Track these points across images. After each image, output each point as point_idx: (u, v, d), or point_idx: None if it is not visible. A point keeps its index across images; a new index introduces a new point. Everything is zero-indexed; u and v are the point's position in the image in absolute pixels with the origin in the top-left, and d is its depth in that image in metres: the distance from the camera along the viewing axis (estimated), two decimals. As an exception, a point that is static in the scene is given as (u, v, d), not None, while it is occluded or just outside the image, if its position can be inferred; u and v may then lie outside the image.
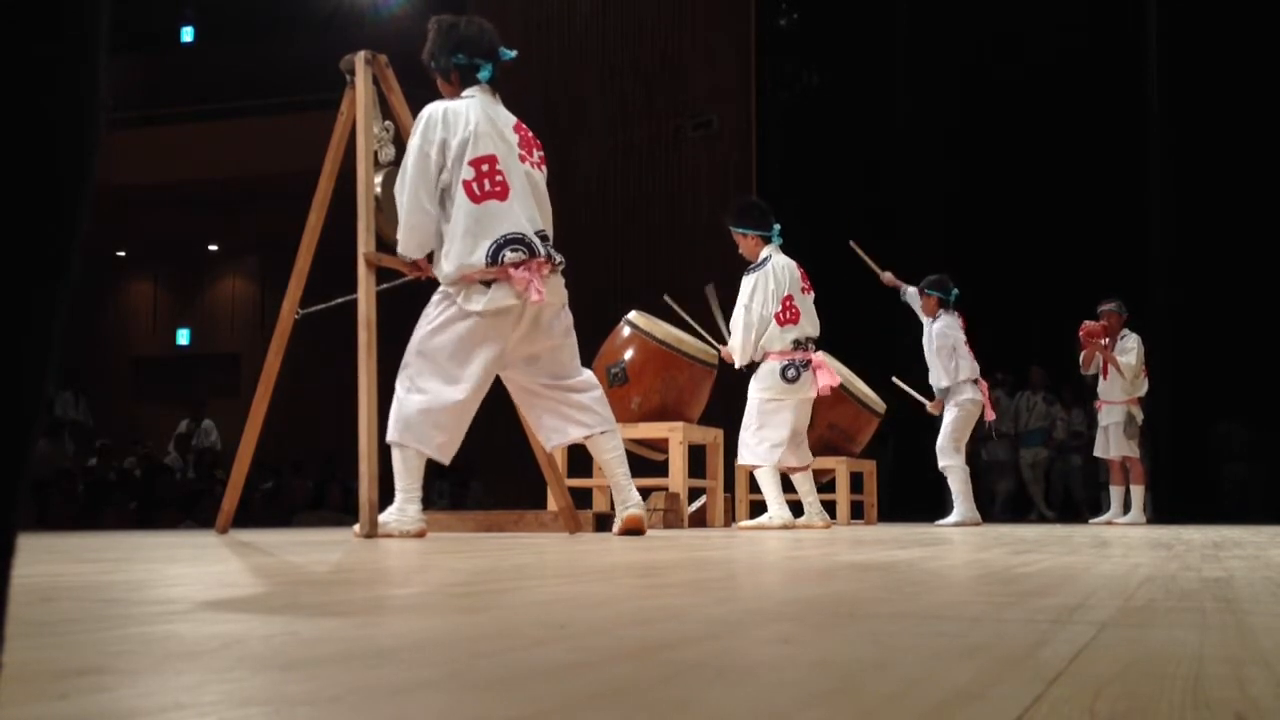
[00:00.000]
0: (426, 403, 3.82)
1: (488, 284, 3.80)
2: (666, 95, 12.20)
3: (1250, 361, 10.50)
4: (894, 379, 8.09)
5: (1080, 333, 8.43)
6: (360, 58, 4.29)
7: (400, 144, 4.18)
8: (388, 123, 4.33)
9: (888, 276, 8.05)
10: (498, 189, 3.83)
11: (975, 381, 7.71)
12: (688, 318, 6.84)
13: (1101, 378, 8.56)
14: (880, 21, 12.40)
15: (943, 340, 7.65)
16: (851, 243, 7.91)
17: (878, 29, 12.43)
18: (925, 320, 7.85)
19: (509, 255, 3.78)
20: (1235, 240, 10.60)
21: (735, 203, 6.72)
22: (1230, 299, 10.68)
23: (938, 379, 7.74)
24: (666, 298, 6.89)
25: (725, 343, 6.35)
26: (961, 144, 11.95)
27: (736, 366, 6.17)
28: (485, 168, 3.83)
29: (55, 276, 0.58)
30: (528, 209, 3.89)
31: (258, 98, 14.03)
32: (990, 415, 7.96)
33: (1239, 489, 11.03)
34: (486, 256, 3.77)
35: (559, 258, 3.95)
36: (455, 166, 3.83)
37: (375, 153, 4.23)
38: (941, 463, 7.69)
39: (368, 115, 4.22)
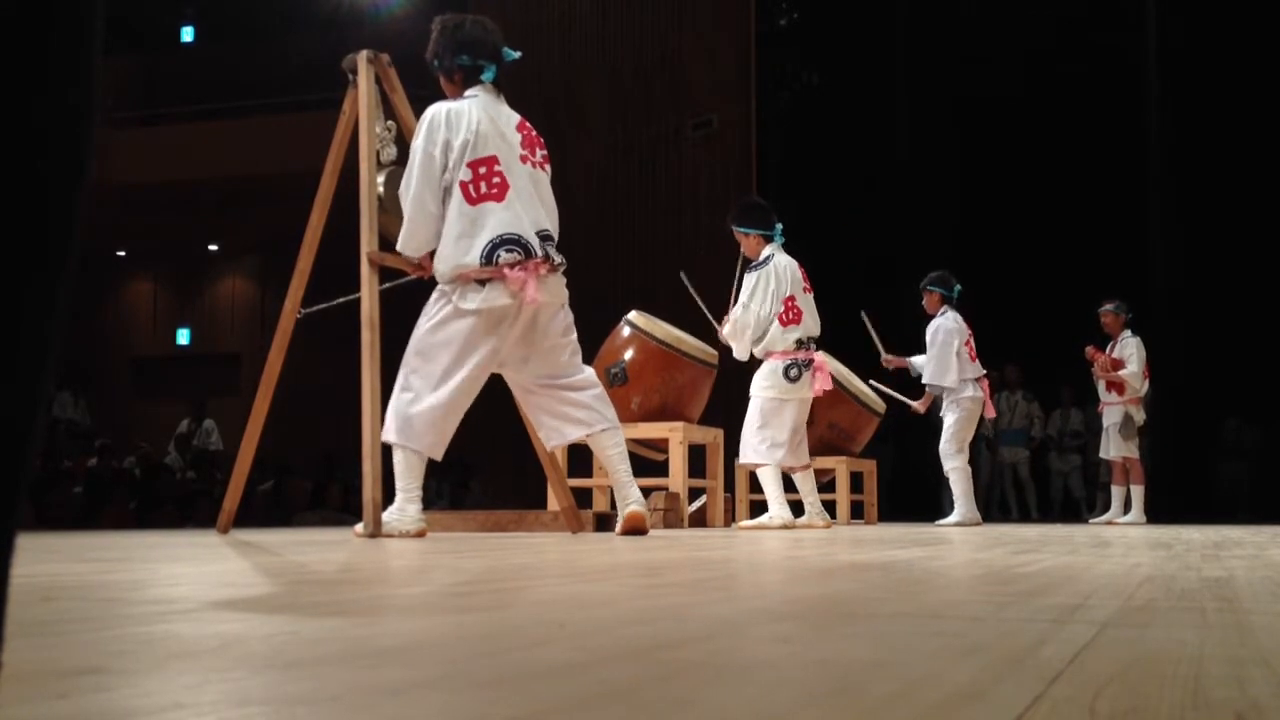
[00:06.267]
0: (417, 403, 3.84)
1: (483, 283, 3.81)
2: (666, 95, 12.21)
3: (1252, 359, 10.50)
4: (871, 382, 7.95)
5: (1090, 363, 8.47)
6: (363, 57, 4.30)
7: (402, 143, 4.18)
8: (390, 122, 4.34)
9: (889, 359, 7.82)
10: (495, 190, 3.84)
11: (976, 380, 7.67)
12: (699, 299, 6.77)
13: (1103, 386, 8.55)
14: (880, 21, 12.40)
15: (944, 337, 7.59)
16: (863, 314, 7.65)
17: (878, 29, 12.43)
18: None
19: (504, 255, 3.79)
20: (1236, 238, 10.60)
21: (738, 202, 6.73)
22: (1232, 297, 10.68)
23: (934, 376, 7.65)
24: (682, 274, 6.80)
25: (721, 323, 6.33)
26: (961, 144, 11.95)
27: (741, 358, 6.17)
28: (484, 169, 3.84)
29: (52, 276, 0.58)
30: (529, 209, 3.90)
31: (258, 98, 14.03)
32: (991, 413, 7.94)
33: (1237, 487, 11.04)
34: (481, 256, 3.79)
35: (559, 258, 3.95)
36: (456, 167, 3.84)
37: (377, 152, 4.23)
38: (947, 465, 7.65)
39: (370, 115, 4.22)
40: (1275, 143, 10.52)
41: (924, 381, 7.73)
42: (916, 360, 7.86)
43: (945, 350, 7.55)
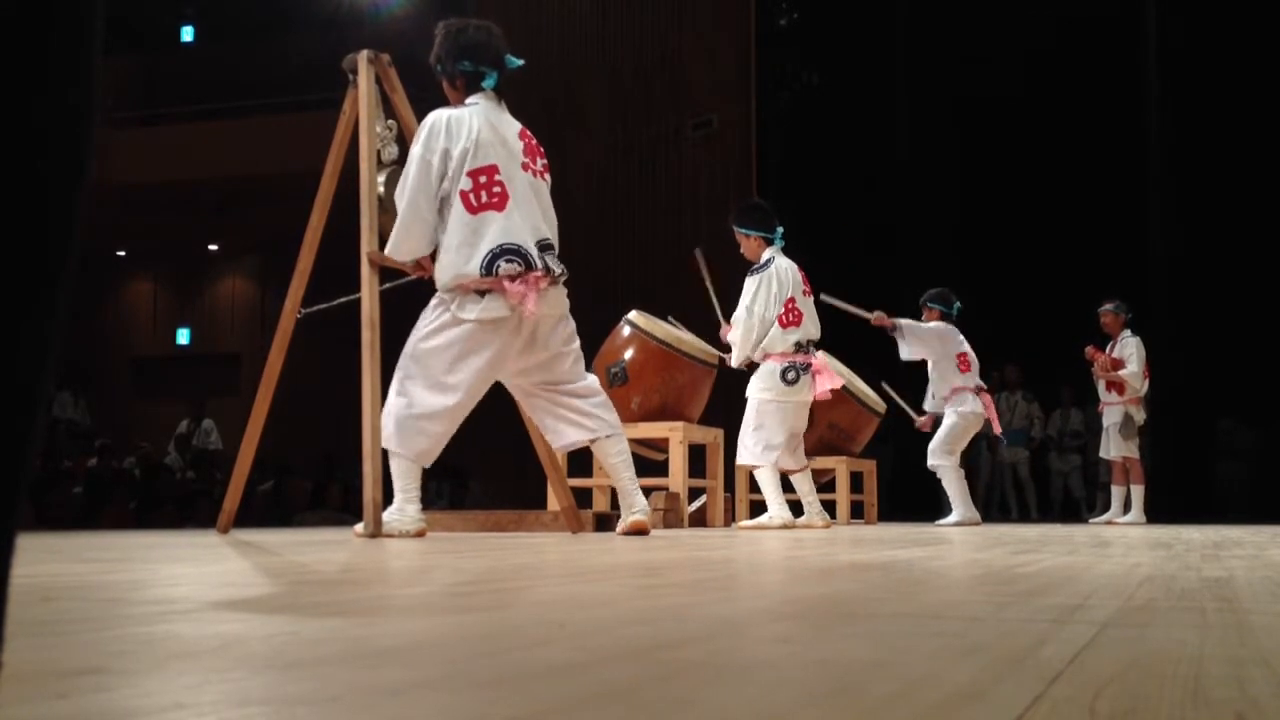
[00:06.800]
0: (410, 407, 3.83)
1: (482, 293, 3.81)
2: (666, 95, 12.20)
3: (1252, 360, 10.49)
4: (883, 385, 7.98)
5: (1091, 363, 8.48)
6: (363, 57, 4.29)
7: (403, 143, 4.18)
8: (390, 122, 4.33)
9: (877, 316, 7.53)
10: (495, 200, 3.83)
11: (976, 393, 7.67)
12: (709, 281, 6.70)
13: (1103, 386, 8.56)
14: (880, 21, 12.40)
15: (942, 329, 7.63)
16: (823, 296, 6.94)
17: (878, 28, 12.43)
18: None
19: (504, 266, 3.78)
20: (1236, 238, 10.60)
21: (739, 203, 6.73)
22: (1229, 297, 10.68)
23: (939, 390, 7.71)
24: (697, 251, 6.76)
25: (721, 314, 6.34)
26: (961, 144, 11.95)
27: (734, 365, 6.18)
28: (484, 179, 3.83)
29: (52, 277, 0.58)
30: (529, 218, 3.88)
31: (258, 98, 14.03)
32: (997, 428, 7.93)
33: (1234, 487, 11.04)
34: (481, 267, 3.77)
35: (559, 269, 3.94)
36: (455, 176, 3.83)
37: (378, 152, 4.23)
38: (931, 462, 7.66)
39: (370, 114, 4.22)
40: (1275, 143, 10.52)
41: (932, 397, 7.77)
42: (905, 322, 7.86)
43: (950, 360, 7.59)
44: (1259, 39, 10.64)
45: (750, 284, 6.08)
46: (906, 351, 7.66)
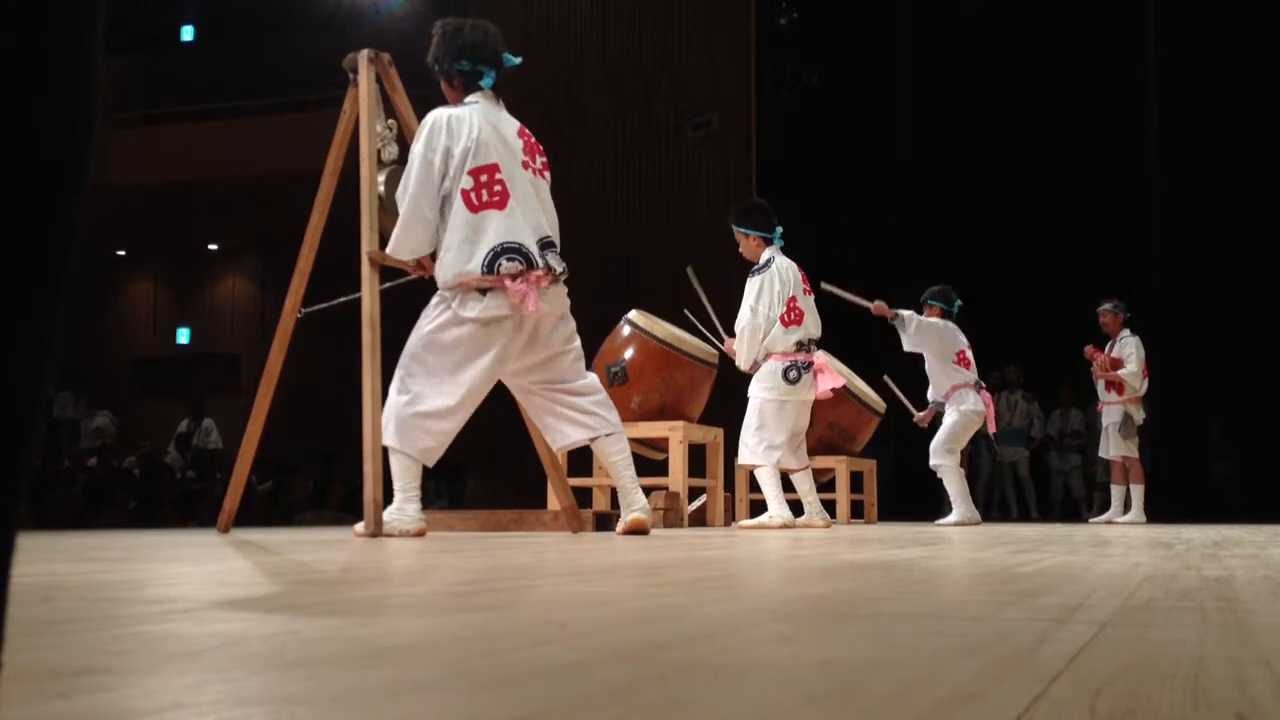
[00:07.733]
0: (414, 406, 3.83)
1: (484, 292, 3.81)
2: (666, 95, 12.21)
3: (1244, 359, 10.50)
4: (885, 378, 8.01)
5: (1090, 362, 8.49)
6: (364, 56, 4.29)
7: (403, 142, 4.18)
8: (391, 121, 4.33)
9: (878, 305, 7.46)
10: (496, 198, 3.83)
11: (976, 390, 7.67)
12: (703, 296, 6.76)
13: (1102, 386, 8.57)
14: (880, 21, 12.41)
15: (946, 347, 7.64)
16: (823, 284, 6.88)
17: (878, 28, 12.44)
18: None
19: (505, 265, 3.78)
20: (1235, 238, 10.60)
21: (739, 203, 6.73)
22: (1225, 297, 10.68)
23: (939, 389, 7.72)
24: (689, 270, 6.78)
25: (721, 327, 6.36)
26: (961, 144, 11.96)
27: (743, 368, 6.16)
28: (484, 177, 3.83)
29: (53, 277, 0.58)
30: (531, 216, 3.89)
31: (258, 98, 14.03)
32: (993, 427, 7.94)
33: (1222, 487, 11.04)
34: (482, 265, 3.78)
35: (560, 267, 3.94)
36: (457, 175, 3.83)
37: (378, 151, 4.23)
38: (933, 461, 7.67)
39: (371, 114, 4.22)
40: (1275, 144, 10.52)
41: (932, 398, 7.77)
42: (907, 314, 7.84)
43: (953, 357, 7.61)
44: (1259, 39, 10.65)
45: (752, 285, 6.09)
46: (909, 343, 7.66)
